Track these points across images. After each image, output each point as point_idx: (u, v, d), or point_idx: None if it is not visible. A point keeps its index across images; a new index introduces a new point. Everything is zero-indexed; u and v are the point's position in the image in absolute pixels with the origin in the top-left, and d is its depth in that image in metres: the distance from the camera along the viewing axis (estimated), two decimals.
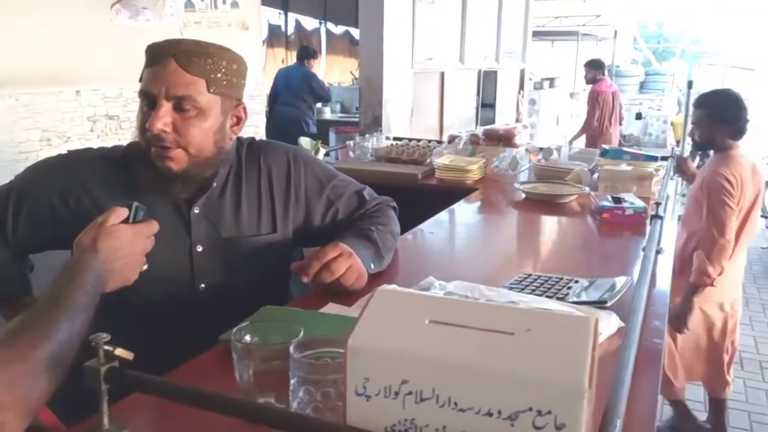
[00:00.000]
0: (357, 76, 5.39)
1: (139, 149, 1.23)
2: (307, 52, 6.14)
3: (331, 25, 9.13)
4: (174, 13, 2.52)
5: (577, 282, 1.25)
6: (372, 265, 1.30)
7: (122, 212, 1.05)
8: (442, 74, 5.13)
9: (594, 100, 6.34)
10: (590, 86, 6.54)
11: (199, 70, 1.16)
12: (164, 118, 1.14)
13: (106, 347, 0.75)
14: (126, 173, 1.26)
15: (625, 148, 2.76)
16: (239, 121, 1.27)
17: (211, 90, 1.18)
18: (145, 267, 1.09)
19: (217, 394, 0.71)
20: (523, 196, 2.16)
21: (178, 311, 1.25)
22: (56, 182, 1.25)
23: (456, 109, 5.36)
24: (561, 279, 1.28)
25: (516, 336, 0.62)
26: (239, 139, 1.36)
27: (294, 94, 5.83)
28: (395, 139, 3.04)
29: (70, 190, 1.24)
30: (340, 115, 6.90)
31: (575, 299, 1.17)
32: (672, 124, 11.31)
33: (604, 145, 2.79)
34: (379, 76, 4.07)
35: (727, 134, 2.50)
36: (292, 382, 0.72)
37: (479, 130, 2.68)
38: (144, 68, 1.19)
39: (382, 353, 0.63)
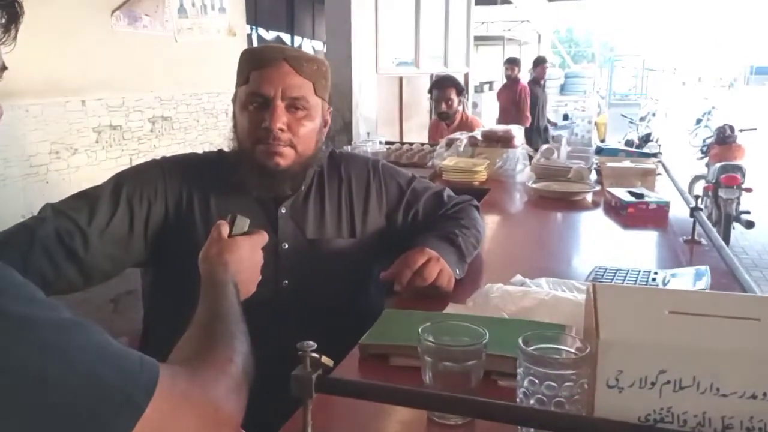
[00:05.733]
0: None
1: (232, 152, 1.30)
2: None
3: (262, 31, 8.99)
4: (168, 19, 2.45)
5: (656, 273, 1.32)
6: (457, 271, 1.31)
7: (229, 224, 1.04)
8: (401, 79, 5.19)
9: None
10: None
11: (308, 74, 1.24)
12: (283, 117, 1.21)
13: (313, 354, 0.73)
14: (221, 176, 1.28)
15: (617, 147, 2.89)
16: (326, 124, 1.34)
17: (318, 93, 1.26)
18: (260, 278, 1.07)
19: (449, 394, 0.71)
20: (531, 195, 2.24)
21: (261, 308, 1.23)
22: (163, 185, 1.25)
23: (414, 114, 5.43)
24: (639, 271, 1.33)
25: (763, 321, 0.66)
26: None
27: None
28: (387, 143, 3.06)
29: (177, 195, 1.26)
30: None
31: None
32: (596, 124, 11.91)
33: (598, 144, 2.91)
34: (348, 80, 4.06)
35: None
36: (519, 372, 0.72)
37: (477, 133, 2.74)
38: (250, 71, 1.24)
39: (637, 345, 0.66)
